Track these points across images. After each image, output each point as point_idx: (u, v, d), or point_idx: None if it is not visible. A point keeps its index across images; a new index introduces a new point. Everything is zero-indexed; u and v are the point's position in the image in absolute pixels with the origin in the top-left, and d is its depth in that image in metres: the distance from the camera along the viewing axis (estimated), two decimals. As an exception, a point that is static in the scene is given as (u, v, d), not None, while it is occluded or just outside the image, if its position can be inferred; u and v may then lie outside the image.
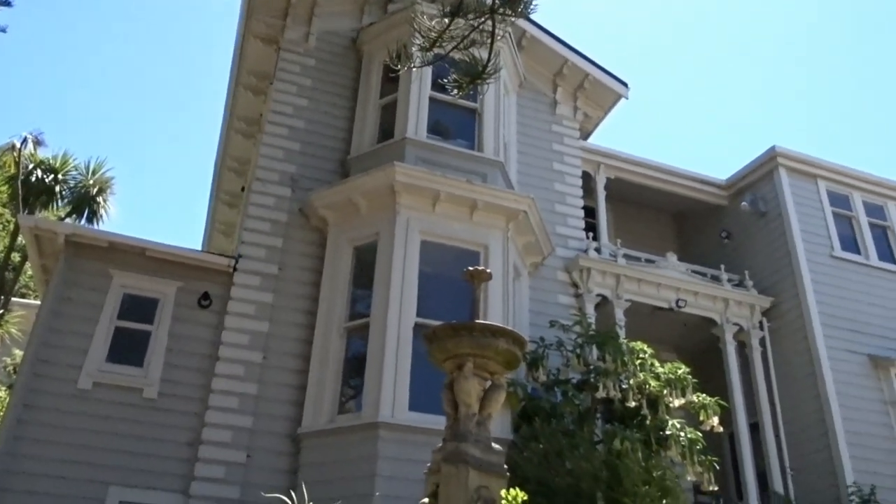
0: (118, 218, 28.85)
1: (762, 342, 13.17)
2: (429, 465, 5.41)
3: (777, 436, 12.44)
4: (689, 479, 9.17)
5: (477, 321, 5.51)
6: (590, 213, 13.54)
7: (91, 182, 20.00)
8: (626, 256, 12.92)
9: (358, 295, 10.62)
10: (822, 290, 13.13)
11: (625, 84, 13.97)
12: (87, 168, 20.20)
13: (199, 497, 9.17)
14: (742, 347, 13.16)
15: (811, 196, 14.25)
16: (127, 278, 10.25)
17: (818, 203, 14.21)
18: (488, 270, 5.94)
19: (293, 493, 5.42)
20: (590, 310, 12.04)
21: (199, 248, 15.28)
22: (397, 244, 10.14)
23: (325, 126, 12.09)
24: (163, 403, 9.64)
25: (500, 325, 5.71)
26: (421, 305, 9.95)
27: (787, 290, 13.29)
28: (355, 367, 10.07)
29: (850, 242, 14.15)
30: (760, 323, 13.30)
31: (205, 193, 18.02)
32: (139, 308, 10.19)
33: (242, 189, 14.04)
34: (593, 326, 11.18)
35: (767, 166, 14.44)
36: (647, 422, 9.36)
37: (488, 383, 5.52)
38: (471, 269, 5.88)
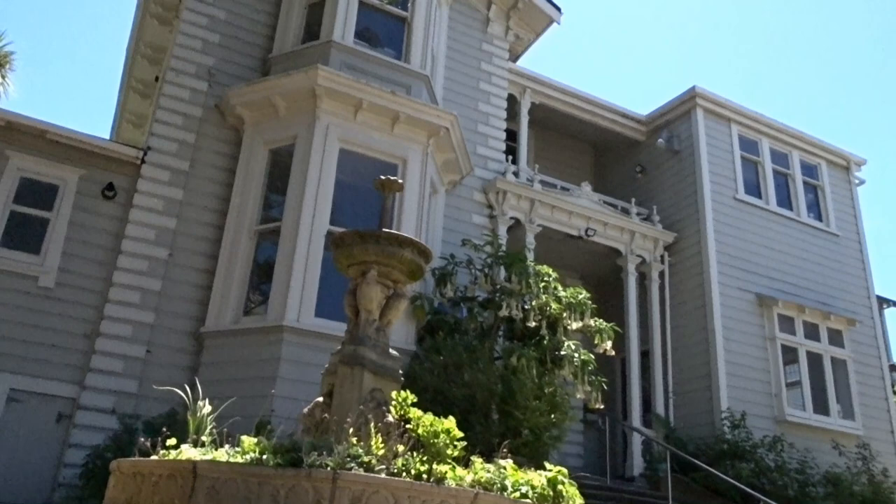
0: (18, 98, 27.00)
1: (661, 275, 13.80)
2: (326, 366, 5.52)
3: (664, 363, 13.23)
4: (578, 396, 9.67)
5: (384, 230, 5.55)
6: (511, 136, 13.63)
7: (-13, 55, 18.57)
8: (542, 182, 13.14)
9: (271, 198, 10.47)
10: (721, 230, 13.78)
11: (558, 9, 13.88)
12: (-17, 39, 18.69)
13: (95, 389, 9.09)
14: (642, 279, 13.76)
15: (723, 139, 14.73)
16: (25, 161, 9.75)
17: (729, 146, 14.73)
18: (400, 181, 5.94)
19: (187, 388, 5.43)
20: (502, 231, 12.27)
21: (107, 137, 14.57)
22: (315, 150, 9.97)
23: (248, 20, 11.57)
24: (60, 293, 9.37)
25: (407, 235, 5.77)
26: (335, 214, 9.92)
27: (690, 228, 13.88)
28: (264, 271, 10.04)
29: (754, 187, 14.81)
30: (662, 257, 13.90)
31: (115, 80, 17.00)
32: (38, 194, 9.75)
33: (156, 79, 13.36)
34: (503, 248, 11.43)
35: (686, 105, 14.79)
36: (545, 342, 9.75)
37: (391, 292, 5.61)
38: (382, 177, 5.87)
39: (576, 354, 9.54)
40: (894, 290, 44.70)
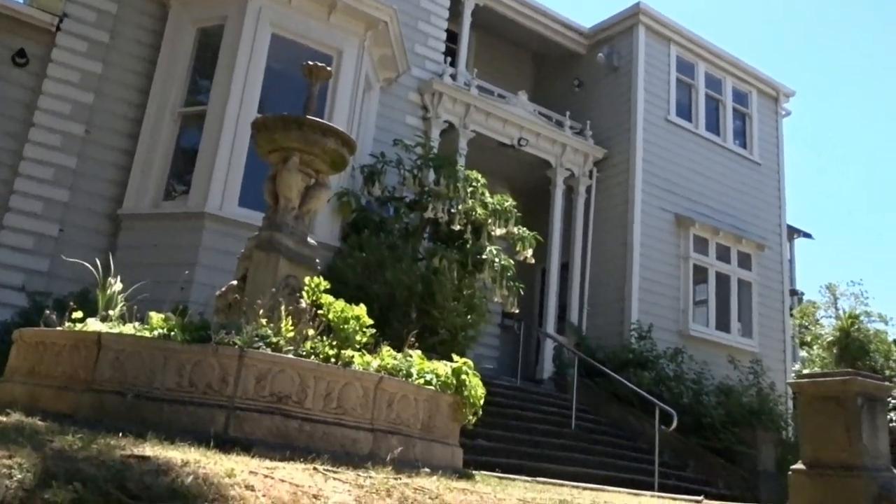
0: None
1: (588, 190, 14.07)
2: (242, 251, 5.50)
3: (583, 275, 13.68)
4: (496, 300, 9.95)
5: (308, 117, 5.44)
6: (452, 38, 13.33)
7: None
8: (479, 88, 13.01)
9: (198, 81, 10.05)
10: (650, 150, 14.04)
11: None
12: None
13: (2, 265, 8.80)
14: (570, 192, 14.01)
15: (662, 59, 14.80)
16: (-74, 18, 9.01)
17: (666, 67, 14.82)
18: (328, 68, 5.79)
19: (98, 264, 5.34)
20: (435, 134, 12.19)
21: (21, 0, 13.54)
22: (245, 33, 9.56)
23: None
24: (-35, 163, 8.90)
25: (331, 125, 5.68)
26: (264, 103, 9.61)
27: (621, 145, 14.08)
28: (187, 156, 9.74)
29: (685, 110, 15.05)
30: (591, 172, 14.13)
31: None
32: (-61, 55, 9.08)
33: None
34: (435, 151, 11.40)
35: (629, 22, 14.72)
36: (468, 245, 9.92)
37: (312, 181, 5.56)
38: (309, 63, 5.71)
39: (496, 260, 9.75)
40: (805, 221, 46.84)
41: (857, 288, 28.73)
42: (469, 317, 9.27)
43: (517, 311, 10.35)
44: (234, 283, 5.20)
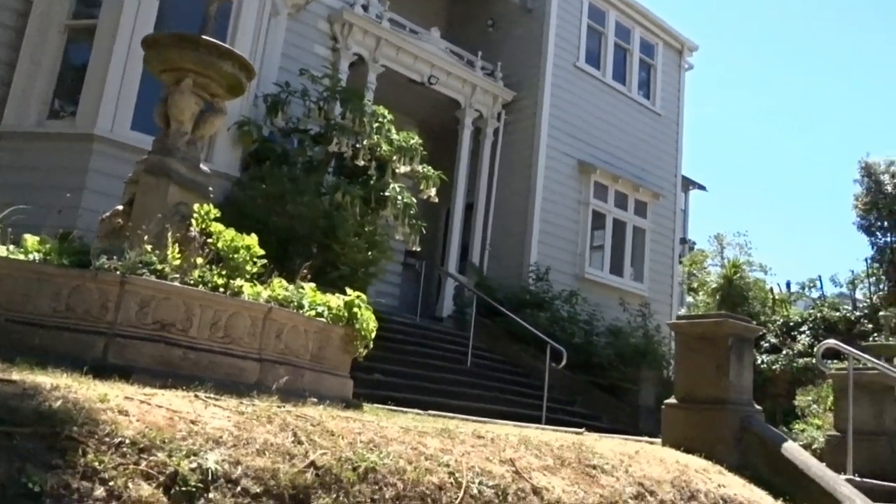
0: None
1: (496, 132, 14.15)
2: (130, 175, 5.25)
3: (486, 216, 13.87)
4: (398, 238, 9.97)
5: (204, 37, 5.18)
6: (365, -34, 12.90)
7: None
8: (391, 21, 12.72)
9: (87, -10, 9.38)
10: (558, 95, 14.20)
11: None
12: None
13: None
14: (477, 133, 14.05)
15: (574, 4, 14.86)
16: None
17: (578, 13, 14.90)
18: (227, -13, 5.50)
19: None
20: (344, 67, 11.90)
21: None
22: (141, -58, 8.94)
23: None
24: None
25: (229, 47, 5.43)
26: (161, 21, 9.09)
27: (530, 89, 14.16)
28: (76, 73, 9.14)
29: (594, 57, 15.24)
30: (499, 114, 14.19)
31: None
32: None
33: None
34: (343, 83, 11.14)
35: (544, -37, 14.63)
36: (372, 182, 9.84)
37: (207, 105, 5.33)
38: (206, -21, 5.41)
39: (400, 197, 9.73)
40: (700, 173, 48.85)
41: (742, 239, 30.49)
42: (370, 253, 9.26)
43: (419, 249, 10.42)
44: (120, 207, 4.98)
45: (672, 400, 6.04)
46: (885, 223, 17.40)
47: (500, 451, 3.64)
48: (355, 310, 4.67)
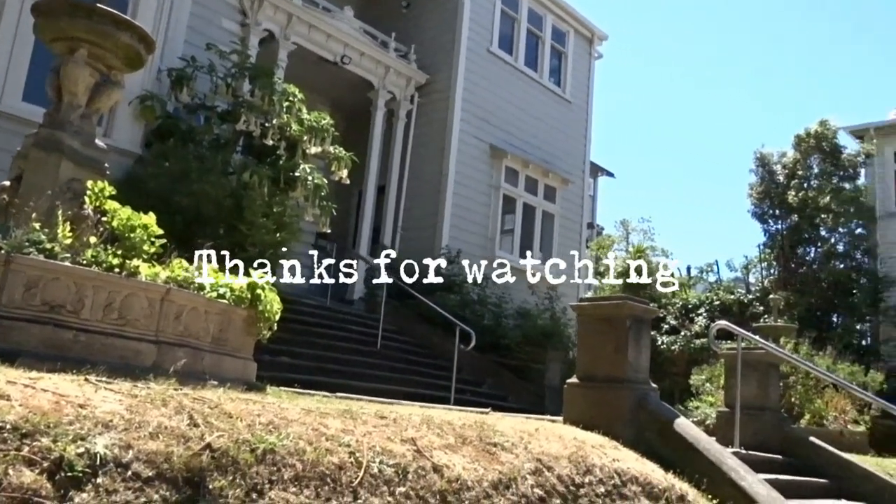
0: None
1: (409, 114, 14.12)
2: (18, 149, 4.98)
3: (398, 199, 13.85)
4: (308, 219, 9.84)
5: (99, 5, 4.93)
6: (276, -60, 12.54)
7: None
8: (303, -3, 12.46)
9: (-28, -49, 8.76)
10: (471, 79, 14.30)
11: None
12: None
13: None
14: (390, 115, 13.98)
15: (489, -11, 14.96)
16: None
17: (492, -2, 15.02)
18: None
19: None
20: (254, 42, 11.59)
21: None
22: None
23: None
24: None
25: (126, 17, 5.19)
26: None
27: (443, 72, 14.20)
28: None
29: (507, 43, 15.40)
30: (412, 97, 14.17)
31: None
32: None
33: None
34: (252, 60, 10.85)
35: (460, -54, 14.63)
36: (281, 162, 9.66)
37: (102, 78, 5.09)
38: (103, -56, 5.13)
39: (310, 178, 9.60)
40: (608, 160, 50.27)
41: (646, 224, 31.55)
42: (279, 234, 9.11)
43: (329, 231, 10.32)
44: (7, 183, 4.71)
45: (574, 379, 6.24)
46: (777, 211, 18.40)
47: (402, 430, 3.68)
48: (258, 291, 4.60)
